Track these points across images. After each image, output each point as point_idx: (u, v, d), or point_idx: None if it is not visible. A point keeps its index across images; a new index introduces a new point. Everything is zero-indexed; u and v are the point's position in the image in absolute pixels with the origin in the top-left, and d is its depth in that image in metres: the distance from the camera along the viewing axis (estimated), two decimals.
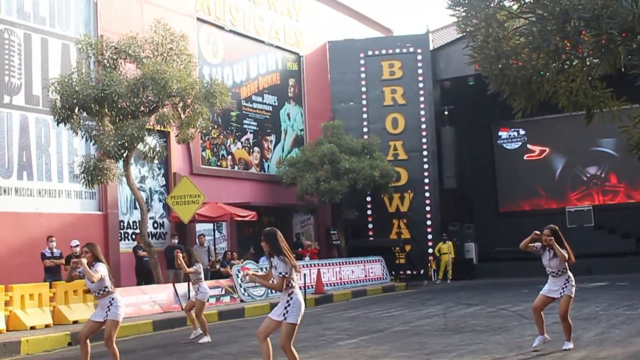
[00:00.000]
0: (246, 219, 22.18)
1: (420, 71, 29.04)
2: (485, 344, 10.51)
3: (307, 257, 23.78)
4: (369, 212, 28.76)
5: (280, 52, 27.90)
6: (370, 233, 28.88)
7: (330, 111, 29.23)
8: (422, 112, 28.91)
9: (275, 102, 27.58)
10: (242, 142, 25.82)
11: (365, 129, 28.82)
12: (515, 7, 8.73)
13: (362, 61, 29.38)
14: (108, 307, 8.82)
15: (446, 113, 29.18)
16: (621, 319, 12.82)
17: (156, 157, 18.48)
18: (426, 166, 28.81)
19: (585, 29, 7.64)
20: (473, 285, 24.48)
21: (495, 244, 29.50)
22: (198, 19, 23.89)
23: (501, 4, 8.79)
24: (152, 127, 18.06)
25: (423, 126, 28.91)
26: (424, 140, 28.86)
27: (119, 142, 16.54)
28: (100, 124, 17.08)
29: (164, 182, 22.09)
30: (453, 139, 28.99)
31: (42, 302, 14.51)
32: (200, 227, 22.16)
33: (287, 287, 7.48)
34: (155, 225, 21.55)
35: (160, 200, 21.80)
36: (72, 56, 19.06)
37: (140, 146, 17.53)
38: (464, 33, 9.07)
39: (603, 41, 7.50)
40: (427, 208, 28.58)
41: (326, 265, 23.07)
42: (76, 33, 18.99)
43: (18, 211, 17.72)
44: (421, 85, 28.99)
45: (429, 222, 28.52)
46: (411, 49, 29.24)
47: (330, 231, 27.94)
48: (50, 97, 17.07)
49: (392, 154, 28.58)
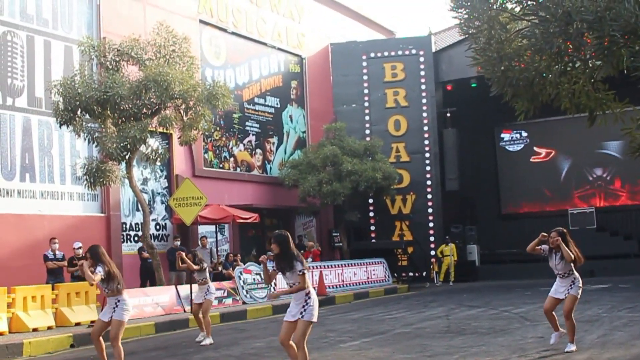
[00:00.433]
0: (248, 221, 22.18)
1: (422, 73, 29.04)
2: (487, 346, 10.51)
3: (310, 259, 23.77)
4: (371, 214, 28.76)
5: (282, 54, 27.90)
6: (372, 235, 28.87)
7: (332, 113, 29.21)
8: (425, 114, 28.91)
9: (277, 104, 27.58)
10: (245, 144, 25.82)
11: (367, 131, 28.81)
12: (517, 9, 8.72)
13: (365, 63, 29.37)
14: (114, 307, 9.10)
15: (448, 115, 29.11)
16: (624, 321, 12.82)
17: (158, 159, 18.50)
18: (428, 168, 28.79)
19: (587, 31, 7.63)
20: (475, 287, 24.44)
21: (497, 246, 29.51)
22: (200, 21, 23.89)
23: (503, 6, 8.78)
24: (155, 129, 18.09)
25: (425, 128, 28.90)
26: (427, 142, 28.85)
27: (122, 144, 16.55)
28: (102, 126, 17.08)
29: (167, 184, 22.10)
30: (455, 141, 28.94)
31: (45, 304, 14.52)
32: (202, 229, 22.15)
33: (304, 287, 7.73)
34: (157, 227, 21.56)
35: (162, 202, 21.80)
36: (75, 58, 19.11)
37: (142, 148, 17.53)
38: (466, 35, 9.05)
39: (606, 43, 7.49)
40: (430, 210, 28.58)
41: (328, 267, 23.05)
42: (79, 35, 19.01)
43: (21, 213, 17.74)
44: (423, 87, 28.98)
45: (431, 224, 28.50)
46: (413, 51, 29.24)
47: (332, 233, 27.94)
48: (52, 99, 17.09)
49: (395, 156, 28.56)
